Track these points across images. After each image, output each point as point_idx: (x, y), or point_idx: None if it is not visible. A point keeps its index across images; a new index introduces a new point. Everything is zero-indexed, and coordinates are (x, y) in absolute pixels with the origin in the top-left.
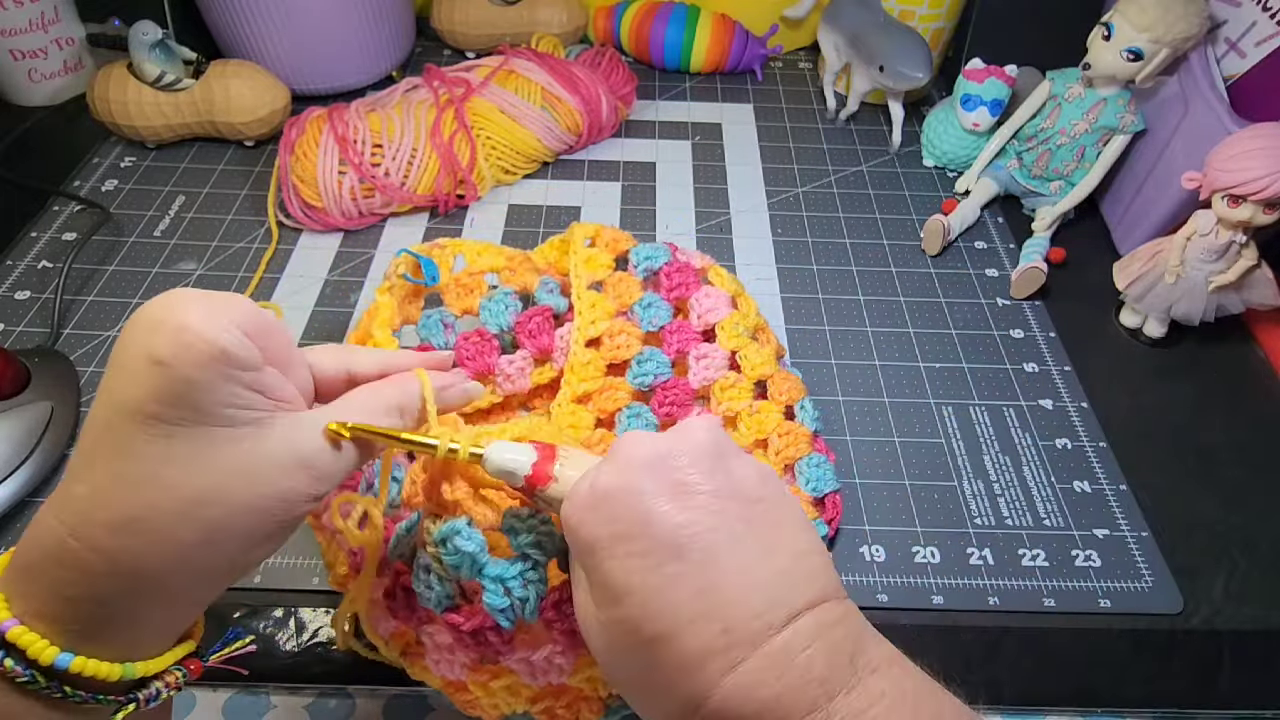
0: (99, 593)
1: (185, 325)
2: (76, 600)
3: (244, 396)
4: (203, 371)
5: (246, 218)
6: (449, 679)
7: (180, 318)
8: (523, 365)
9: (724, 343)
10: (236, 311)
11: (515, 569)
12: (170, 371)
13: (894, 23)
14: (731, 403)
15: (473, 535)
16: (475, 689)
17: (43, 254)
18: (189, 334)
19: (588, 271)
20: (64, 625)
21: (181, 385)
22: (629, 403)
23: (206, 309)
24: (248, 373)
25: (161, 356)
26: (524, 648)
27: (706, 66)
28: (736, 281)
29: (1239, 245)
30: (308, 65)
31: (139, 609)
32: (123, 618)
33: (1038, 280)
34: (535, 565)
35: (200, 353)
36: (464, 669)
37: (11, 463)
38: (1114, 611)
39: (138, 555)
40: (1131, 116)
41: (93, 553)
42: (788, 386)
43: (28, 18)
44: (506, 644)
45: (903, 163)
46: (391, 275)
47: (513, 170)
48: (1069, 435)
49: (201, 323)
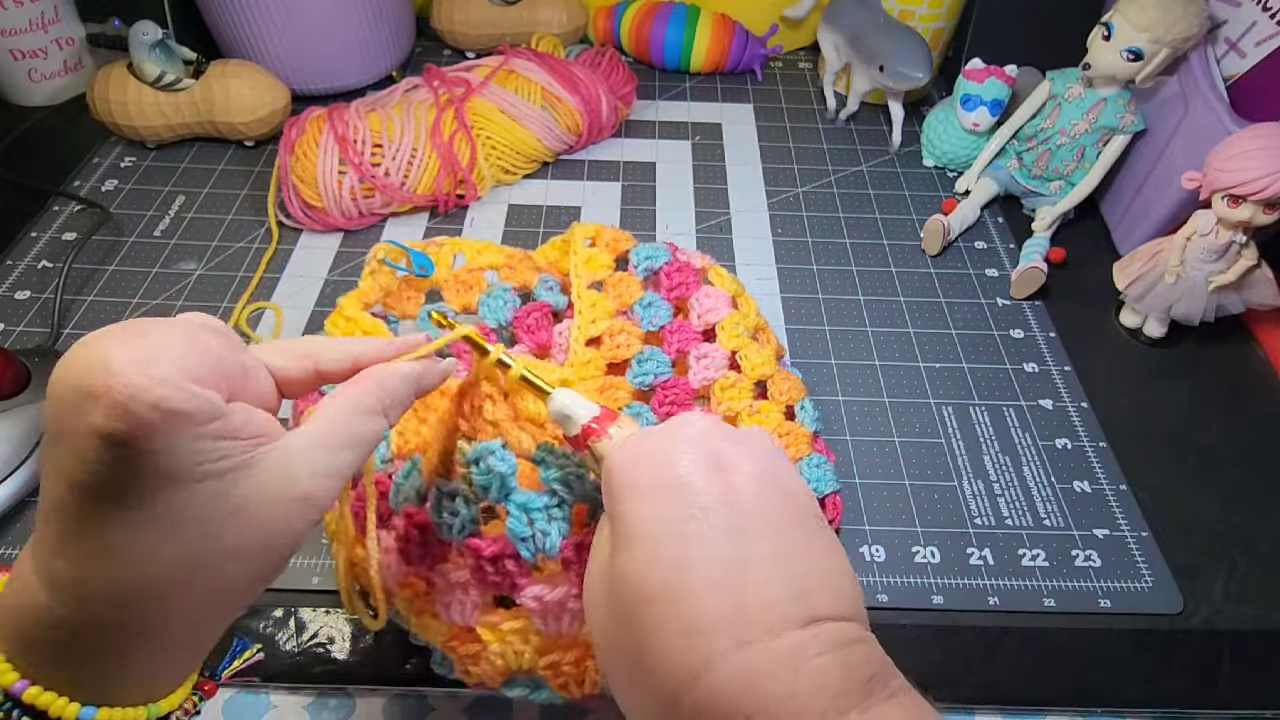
0: (107, 652)
1: (121, 387)
2: (85, 660)
3: (216, 449)
4: (160, 441)
5: (246, 218)
6: (457, 625)
7: (112, 377)
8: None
9: (724, 343)
10: (171, 357)
11: (541, 500)
12: (121, 450)
13: (894, 23)
14: (732, 402)
15: (506, 457)
16: (485, 632)
17: (43, 254)
18: (129, 400)
19: (588, 271)
20: (76, 680)
21: (140, 459)
22: (629, 402)
23: (138, 361)
24: (211, 424)
25: (106, 430)
26: (539, 583)
27: (706, 66)
28: (737, 281)
29: (1239, 245)
30: (308, 65)
31: (153, 660)
32: (139, 669)
33: (1038, 280)
34: (561, 503)
35: (148, 422)
36: (475, 609)
37: (11, 463)
38: (1114, 611)
39: (143, 618)
40: (1131, 116)
41: (94, 622)
42: (788, 387)
43: (28, 18)
44: (525, 575)
45: (903, 163)
46: (372, 260)
47: (513, 170)
48: (1069, 435)
49: (139, 382)
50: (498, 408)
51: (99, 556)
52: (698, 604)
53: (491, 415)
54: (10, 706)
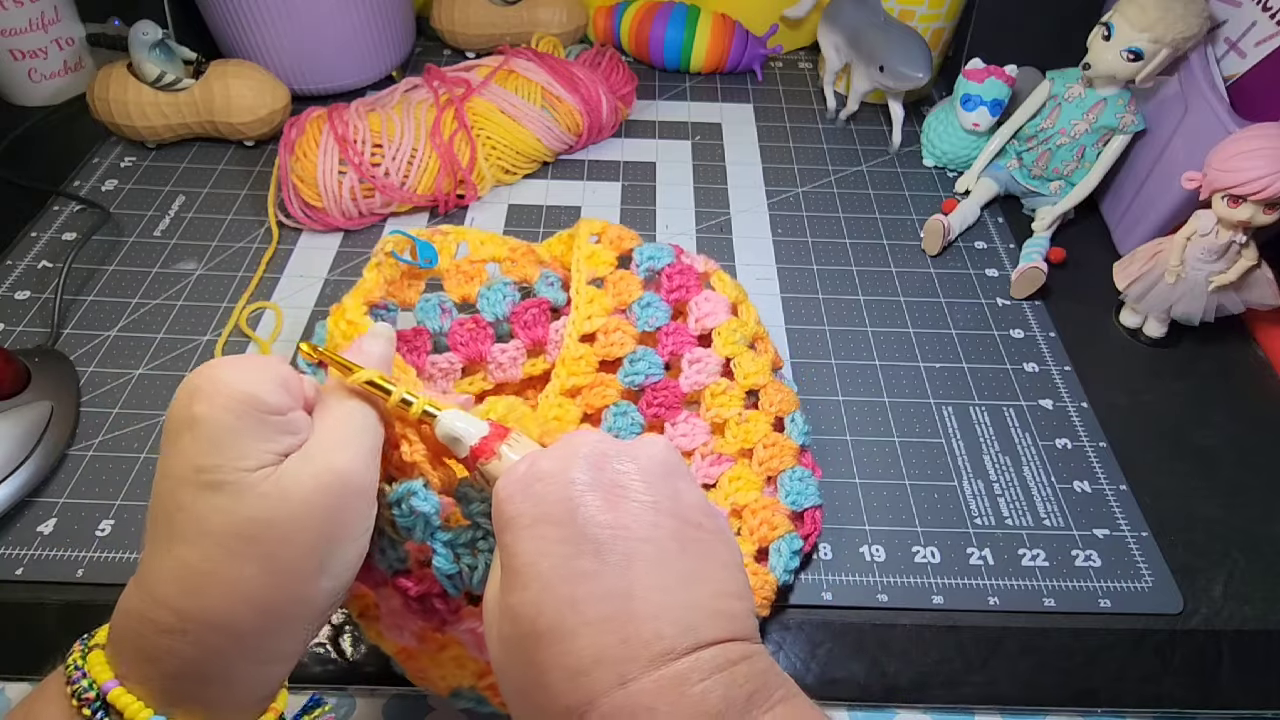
0: (181, 653)
1: (216, 379)
2: (162, 662)
3: (279, 441)
4: (237, 418)
5: (246, 218)
6: (401, 645)
7: (213, 376)
8: (515, 355)
9: (719, 349)
10: (266, 365)
11: (466, 535)
12: (205, 422)
13: (894, 23)
14: (721, 409)
15: (429, 497)
16: (423, 658)
17: (43, 254)
18: (221, 386)
19: (589, 267)
20: (155, 689)
21: (217, 431)
22: (617, 400)
23: (238, 366)
24: (278, 416)
25: (196, 413)
26: (470, 618)
27: (706, 66)
28: (740, 288)
29: (1239, 245)
30: (308, 65)
31: (222, 666)
32: (210, 676)
33: (1038, 280)
34: (486, 535)
35: (230, 399)
36: (413, 636)
37: (11, 463)
38: (1114, 611)
39: (206, 609)
40: (1131, 116)
41: (168, 615)
42: (780, 398)
43: (28, 18)
44: (453, 613)
45: (903, 163)
46: (379, 253)
47: (513, 170)
48: (1069, 435)
49: (232, 376)
50: (414, 448)
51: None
52: (584, 643)
53: (410, 456)
54: (99, 706)
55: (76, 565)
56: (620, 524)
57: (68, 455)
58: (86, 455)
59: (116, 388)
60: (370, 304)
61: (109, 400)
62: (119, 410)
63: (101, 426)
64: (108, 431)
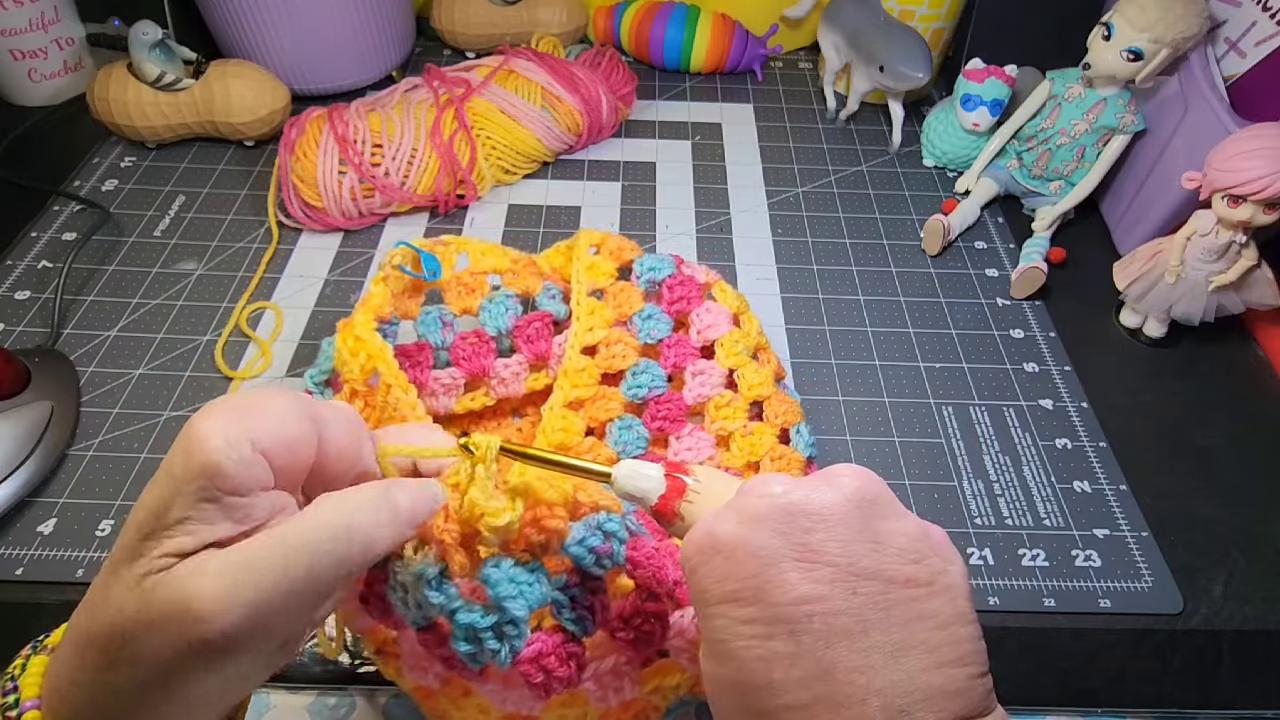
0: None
1: (192, 433)
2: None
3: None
4: (189, 485)
5: (246, 218)
6: (421, 685)
7: (197, 426)
8: (518, 370)
9: (722, 360)
10: (260, 424)
11: (489, 620)
12: (173, 482)
13: (894, 23)
14: (725, 422)
15: (443, 588)
16: (443, 700)
17: (43, 254)
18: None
19: (589, 278)
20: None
21: (162, 493)
22: (621, 414)
23: (225, 420)
24: (235, 498)
25: (172, 468)
26: (495, 681)
27: (706, 66)
28: (741, 299)
29: (1239, 245)
30: (308, 65)
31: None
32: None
33: (1038, 280)
34: (514, 622)
35: (193, 465)
36: (436, 679)
37: (11, 463)
38: (1114, 611)
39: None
40: (1131, 116)
41: (95, 656)
42: (784, 409)
43: (28, 18)
44: (478, 675)
45: (903, 163)
46: (387, 266)
47: (513, 170)
48: (1069, 435)
49: (208, 434)
50: (446, 527)
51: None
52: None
53: (439, 534)
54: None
55: (76, 565)
56: (814, 596)
57: (68, 455)
58: (86, 455)
59: (116, 388)
60: (379, 317)
61: (109, 400)
62: (119, 410)
63: (101, 426)
64: (108, 431)
